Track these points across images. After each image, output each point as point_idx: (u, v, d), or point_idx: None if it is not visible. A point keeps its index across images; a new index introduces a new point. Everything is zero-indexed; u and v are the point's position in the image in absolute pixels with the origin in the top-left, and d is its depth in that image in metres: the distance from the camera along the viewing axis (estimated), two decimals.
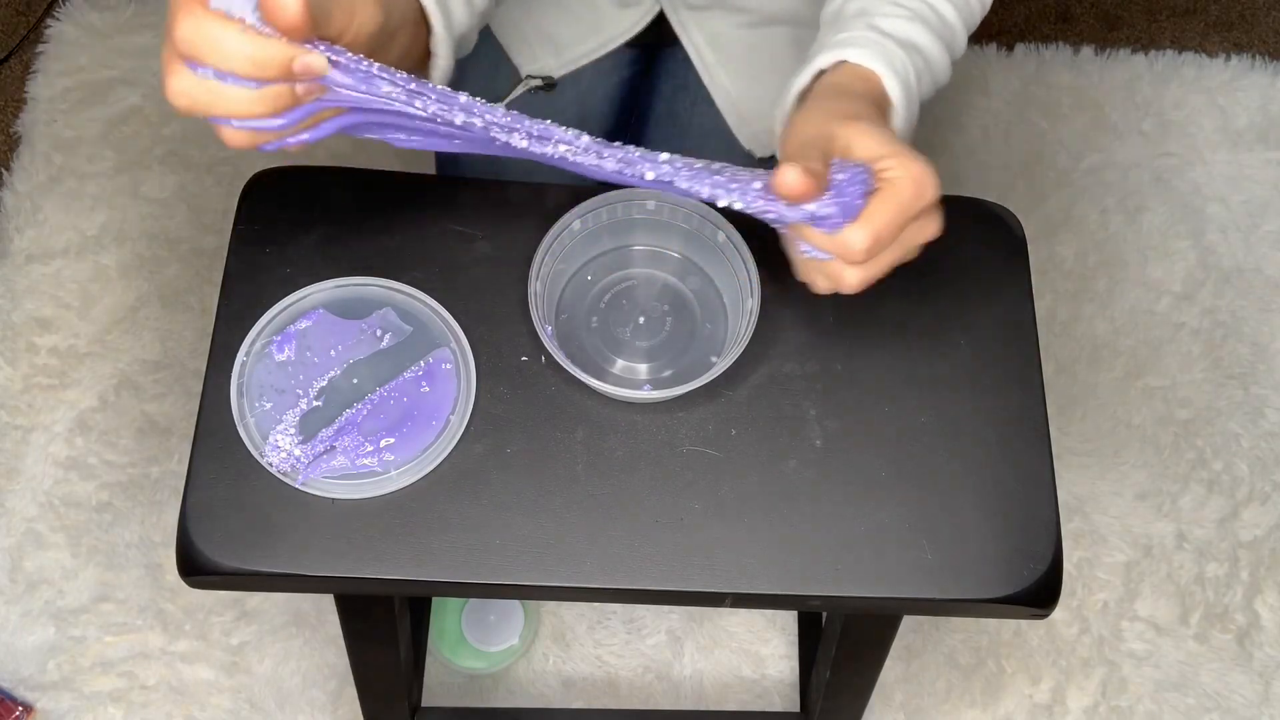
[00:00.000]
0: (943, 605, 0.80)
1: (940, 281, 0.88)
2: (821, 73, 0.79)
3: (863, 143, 0.70)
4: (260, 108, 0.65)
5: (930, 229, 0.72)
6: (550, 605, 1.39)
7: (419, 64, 0.78)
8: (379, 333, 0.85)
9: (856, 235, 0.69)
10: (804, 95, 0.80)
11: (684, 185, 0.70)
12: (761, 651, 1.38)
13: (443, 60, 0.78)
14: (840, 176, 0.69)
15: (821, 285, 0.74)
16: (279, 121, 0.67)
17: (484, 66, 1.09)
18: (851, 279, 0.72)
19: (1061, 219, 1.61)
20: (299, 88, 0.66)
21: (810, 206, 0.69)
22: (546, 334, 0.82)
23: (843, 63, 0.79)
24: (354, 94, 0.68)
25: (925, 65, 0.82)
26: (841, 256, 0.71)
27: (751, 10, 1.03)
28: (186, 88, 0.64)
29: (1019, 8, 1.77)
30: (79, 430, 1.45)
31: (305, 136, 0.70)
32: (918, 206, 0.70)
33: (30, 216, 1.56)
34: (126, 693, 1.34)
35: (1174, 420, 1.50)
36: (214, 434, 0.82)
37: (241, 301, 0.85)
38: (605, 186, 0.79)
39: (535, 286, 0.83)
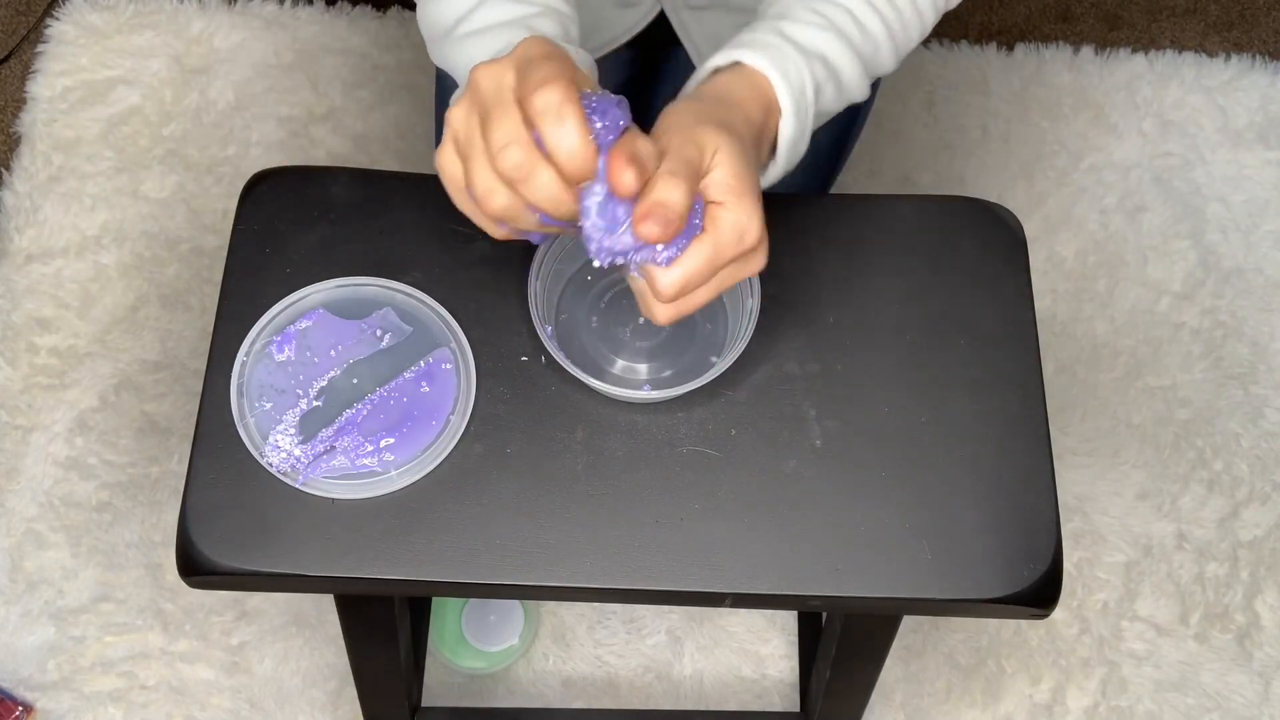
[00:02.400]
0: (943, 605, 0.80)
1: (940, 281, 0.88)
2: (719, 70, 0.79)
3: (719, 167, 0.70)
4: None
5: (751, 268, 0.73)
6: (550, 605, 1.39)
7: None
8: (379, 333, 0.85)
9: (666, 278, 0.70)
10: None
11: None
12: (761, 651, 1.38)
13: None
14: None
15: (640, 308, 0.74)
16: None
17: None
18: (659, 315, 0.72)
19: (1061, 219, 1.61)
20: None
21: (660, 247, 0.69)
22: (546, 334, 0.82)
23: (739, 64, 0.78)
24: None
25: (829, 76, 0.81)
26: (652, 292, 0.71)
27: (752, 10, 1.03)
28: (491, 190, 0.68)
29: (1019, 7, 1.77)
30: (79, 430, 1.45)
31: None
32: (734, 252, 0.70)
33: (30, 216, 1.56)
34: (126, 693, 1.34)
35: (1174, 420, 1.50)
36: (214, 434, 0.82)
37: (241, 301, 0.85)
38: None
39: (535, 286, 0.83)
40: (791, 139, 0.79)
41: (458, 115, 0.69)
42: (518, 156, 0.66)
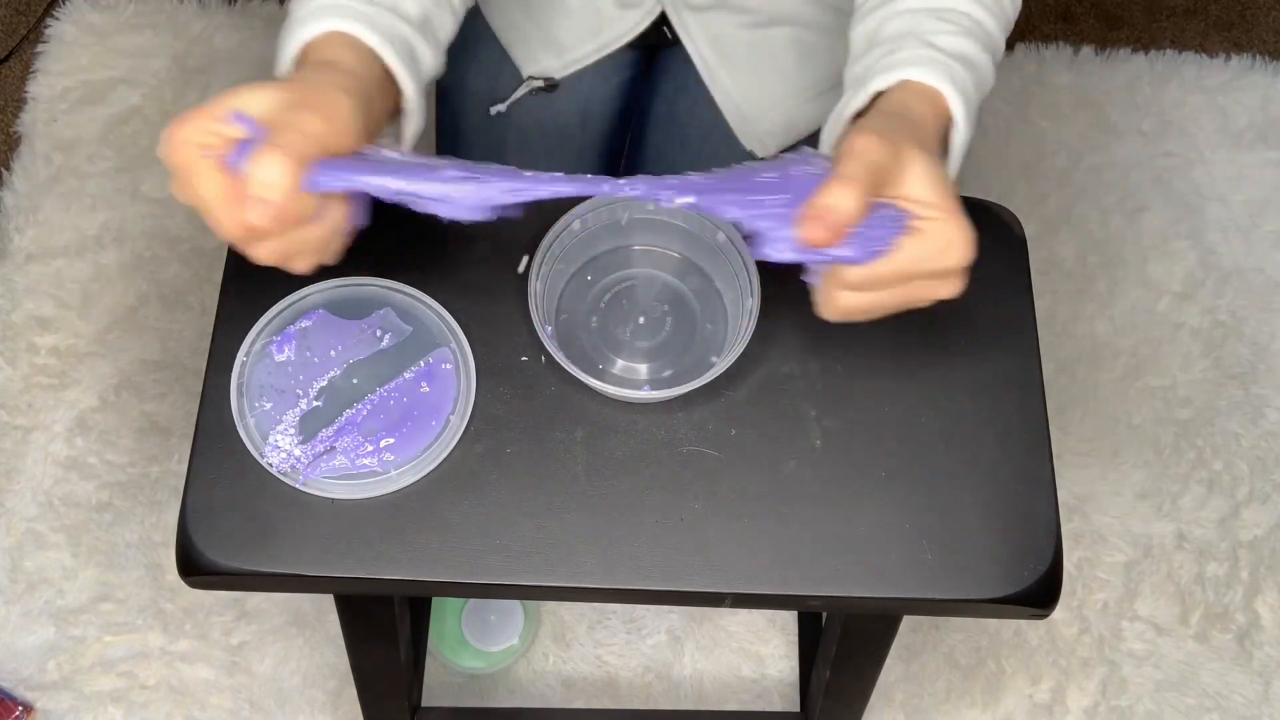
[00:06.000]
0: (943, 605, 0.80)
1: None
2: (879, 94, 0.77)
3: (920, 183, 0.69)
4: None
5: (945, 290, 0.72)
6: (550, 605, 1.39)
7: (393, 116, 0.78)
8: (379, 333, 0.85)
9: (855, 270, 0.69)
10: (857, 117, 0.78)
11: (709, 205, 0.70)
12: (761, 651, 1.38)
13: (415, 119, 0.78)
14: (870, 218, 0.68)
15: (817, 300, 0.74)
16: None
17: (486, 68, 1.09)
18: (828, 307, 0.72)
19: (1061, 219, 1.61)
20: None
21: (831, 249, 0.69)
22: (546, 334, 0.82)
23: (904, 82, 0.77)
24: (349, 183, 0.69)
25: (979, 79, 0.81)
26: (834, 278, 0.71)
27: (753, 10, 1.03)
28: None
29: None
30: (79, 430, 1.45)
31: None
32: (934, 267, 0.70)
33: (30, 216, 1.56)
34: (126, 693, 1.34)
35: (1174, 420, 1.50)
36: (214, 434, 0.82)
37: (241, 301, 0.85)
38: None
39: (535, 286, 0.83)
40: (962, 147, 0.78)
41: None
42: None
